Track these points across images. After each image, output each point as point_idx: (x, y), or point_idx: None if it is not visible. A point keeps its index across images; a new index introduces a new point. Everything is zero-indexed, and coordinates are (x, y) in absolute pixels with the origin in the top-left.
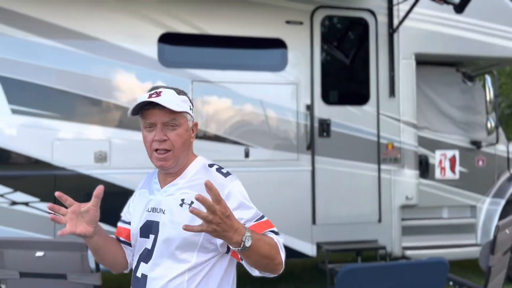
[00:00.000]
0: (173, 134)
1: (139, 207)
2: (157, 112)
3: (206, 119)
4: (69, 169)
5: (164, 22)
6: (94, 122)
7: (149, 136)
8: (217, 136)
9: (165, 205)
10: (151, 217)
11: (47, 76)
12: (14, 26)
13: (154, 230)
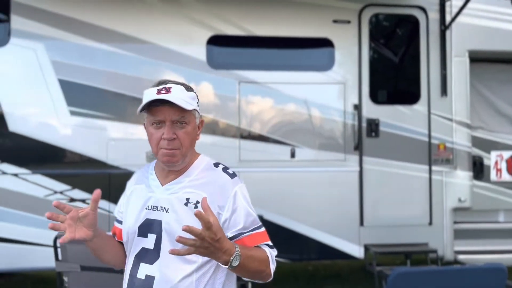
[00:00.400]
0: (182, 133)
1: (136, 204)
2: (167, 109)
3: (252, 119)
4: (122, 168)
5: (212, 25)
6: None
7: (156, 133)
8: (263, 136)
9: (168, 203)
10: (151, 215)
11: (103, 79)
12: (72, 32)
13: (155, 229)
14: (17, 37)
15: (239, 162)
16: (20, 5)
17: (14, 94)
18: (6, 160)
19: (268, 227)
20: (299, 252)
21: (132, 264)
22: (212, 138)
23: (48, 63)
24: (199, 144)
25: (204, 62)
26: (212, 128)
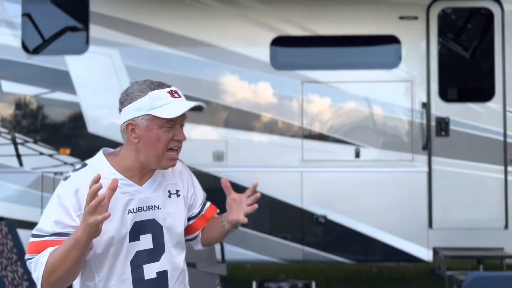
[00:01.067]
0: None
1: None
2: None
3: (316, 119)
4: (190, 167)
5: (276, 26)
6: (213, 124)
7: (166, 135)
8: (326, 136)
9: (156, 200)
10: (139, 217)
11: (173, 83)
12: (144, 38)
13: (148, 229)
14: (95, 45)
15: (302, 162)
16: (97, 14)
17: (92, 98)
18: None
19: (331, 228)
20: (363, 253)
21: (131, 270)
22: (274, 138)
23: (123, 68)
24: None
25: (268, 63)
26: (275, 128)
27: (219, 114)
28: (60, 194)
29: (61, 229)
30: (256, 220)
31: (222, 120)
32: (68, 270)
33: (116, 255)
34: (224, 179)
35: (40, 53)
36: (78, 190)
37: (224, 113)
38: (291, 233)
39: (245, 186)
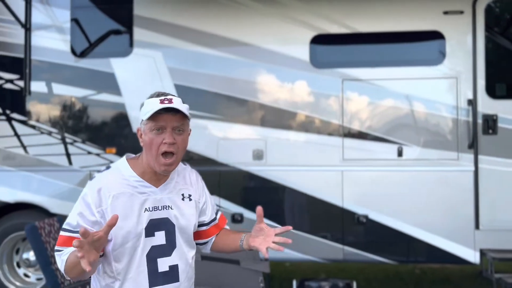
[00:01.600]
0: (180, 139)
1: (129, 209)
2: (169, 117)
3: (356, 117)
4: (231, 166)
5: (315, 25)
6: (253, 123)
7: (157, 138)
8: (367, 135)
9: (169, 201)
10: (154, 215)
11: (213, 83)
12: (185, 40)
13: (162, 227)
14: (139, 47)
15: (343, 161)
16: (141, 18)
17: (136, 99)
18: None
19: (373, 227)
20: (406, 253)
21: (147, 263)
22: (314, 136)
23: (165, 70)
24: (302, 142)
25: (307, 62)
26: (314, 127)
27: (259, 113)
28: (85, 192)
29: (83, 223)
30: (296, 219)
31: (262, 119)
32: (79, 274)
33: (134, 248)
34: (259, 208)
35: (87, 57)
36: (101, 189)
37: (263, 112)
38: (331, 232)
39: (284, 185)
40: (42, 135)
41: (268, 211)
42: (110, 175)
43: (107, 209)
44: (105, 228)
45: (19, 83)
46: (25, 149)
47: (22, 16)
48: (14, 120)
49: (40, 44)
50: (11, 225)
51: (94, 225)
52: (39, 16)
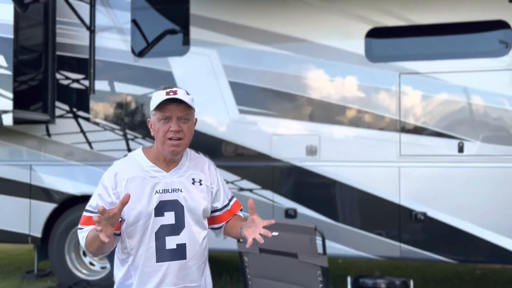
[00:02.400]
0: (185, 127)
1: (140, 191)
2: (174, 107)
3: (414, 112)
4: (284, 161)
5: (371, 18)
6: (306, 119)
7: (164, 127)
8: (426, 130)
9: (179, 185)
10: (164, 197)
11: (267, 79)
12: (240, 37)
13: (172, 207)
14: (195, 46)
15: (400, 156)
16: (197, 17)
17: (194, 96)
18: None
19: (432, 225)
20: (466, 253)
21: (155, 240)
22: (369, 132)
23: (220, 67)
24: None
25: (363, 56)
26: (369, 122)
27: (312, 108)
28: (104, 177)
29: (102, 204)
30: (351, 215)
31: (315, 114)
32: (98, 248)
33: (145, 227)
34: (251, 200)
35: (146, 56)
36: (117, 174)
37: (317, 108)
38: (387, 229)
39: (339, 181)
40: (105, 132)
41: (322, 207)
42: (125, 161)
43: (121, 191)
44: (119, 205)
45: (84, 82)
46: (90, 145)
47: (87, 19)
48: (80, 118)
49: (103, 45)
50: (77, 216)
51: (111, 205)
52: (102, 18)
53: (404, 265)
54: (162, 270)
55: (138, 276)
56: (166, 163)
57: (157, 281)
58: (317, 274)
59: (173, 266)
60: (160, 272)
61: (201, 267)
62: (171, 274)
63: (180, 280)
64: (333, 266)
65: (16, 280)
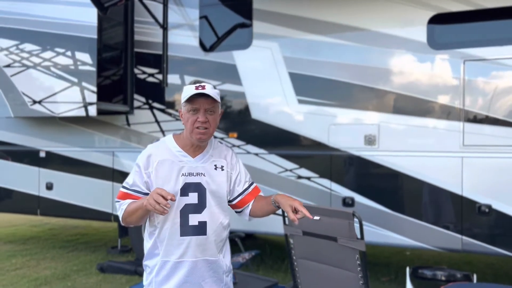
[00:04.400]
0: (211, 118)
1: (169, 173)
2: (202, 100)
3: (479, 100)
4: (342, 150)
5: (434, 4)
6: (365, 108)
7: (192, 117)
8: (492, 119)
9: (203, 170)
10: (189, 179)
11: (325, 69)
12: (299, 29)
13: (195, 189)
14: (258, 39)
15: (463, 147)
16: (260, 11)
17: (255, 88)
18: (250, 142)
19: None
20: None
21: (180, 217)
22: (430, 121)
23: (281, 59)
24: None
25: (425, 43)
26: (431, 111)
27: (371, 98)
28: (138, 159)
29: (137, 181)
30: (410, 205)
31: (374, 104)
32: (137, 218)
33: (171, 205)
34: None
35: (213, 50)
36: (150, 156)
37: (376, 97)
38: (449, 221)
39: (398, 171)
40: (177, 121)
41: (380, 197)
42: (158, 145)
43: (152, 172)
44: (172, 196)
45: (158, 76)
46: (163, 133)
47: (160, 17)
48: (155, 109)
49: (175, 41)
50: None
51: (145, 184)
52: (174, 16)
53: (476, 260)
54: (185, 243)
55: (164, 247)
56: (193, 150)
57: (180, 253)
58: (355, 258)
59: (195, 240)
60: (183, 245)
61: (219, 244)
62: (193, 248)
63: (200, 253)
64: (399, 258)
65: (102, 254)
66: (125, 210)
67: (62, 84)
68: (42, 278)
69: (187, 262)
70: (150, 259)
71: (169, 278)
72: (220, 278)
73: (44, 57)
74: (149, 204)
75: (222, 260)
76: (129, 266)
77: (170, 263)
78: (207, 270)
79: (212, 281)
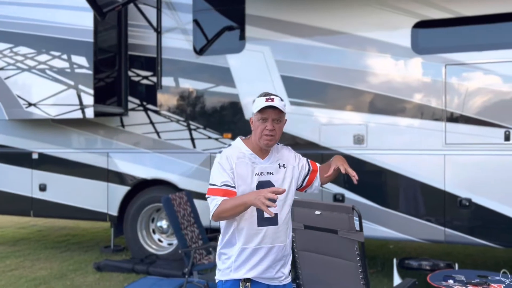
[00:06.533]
0: (277, 127)
1: (246, 172)
2: (271, 111)
3: (459, 101)
4: (332, 149)
5: (417, 11)
6: (353, 109)
7: (261, 125)
8: (471, 119)
9: (271, 169)
10: (261, 178)
11: (316, 73)
12: (290, 34)
13: (267, 186)
14: (250, 43)
15: (445, 145)
16: (252, 16)
17: (248, 90)
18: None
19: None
20: (510, 238)
21: (256, 210)
22: (415, 121)
23: (273, 63)
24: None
25: (409, 48)
26: (415, 112)
27: (360, 99)
28: (219, 161)
29: (226, 178)
30: (396, 200)
31: (362, 105)
32: (235, 214)
33: None
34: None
35: (206, 54)
36: (228, 157)
37: (364, 98)
38: (432, 214)
39: (385, 168)
40: (171, 123)
41: (369, 193)
42: (232, 149)
43: (234, 169)
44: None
45: (152, 79)
46: (158, 134)
47: (154, 21)
48: (149, 110)
49: (168, 44)
50: (148, 197)
51: (232, 180)
52: (168, 20)
53: (456, 251)
54: (262, 232)
55: (243, 236)
56: (261, 152)
57: (258, 241)
58: (355, 248)
59: (270, 229)
60: (261, 234)
61: (287, 230)
62: (268, 236)
63: (274, 240)
64: (384, 251)
65: (96, 253)
66: (220, 207)
67: (58, 86)
68: (40, 278)
69: (264, 249)
70: (228, 247)
71: (247, 262)
72: (286, 261)
73: (40, 60)
74: (260, 202)
75: (288, 245)
76: (127, 265)
77: (249, 250)
78: (278, 254)
79: (280, 263)
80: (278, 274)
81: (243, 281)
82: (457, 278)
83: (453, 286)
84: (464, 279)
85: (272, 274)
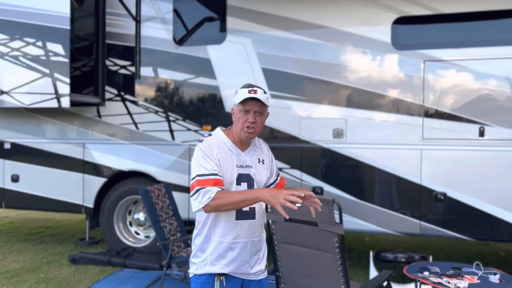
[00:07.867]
0: (259, 119)
1: (228, 164)
2: (253, 103)
3: (437, 97)
4: (312, 143)
5: (398, 7)
6: (333, 103)
7: (243, 117)
8: (447, 115)
9: (251, 163)
10: (241, 171)
11: (297, 66)
12: (272, 26)
13: (245, 179)
14: (231, 35)
15: (422, 140)
16: (233, 7)
17: (229, 82)
18: None
19: (451, 205)
20: (485, 232)
21: None
22: (393, 116)
23: (254, 55)
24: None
25: (389, 43)
26: (394, 107)
27: (340, 94)
28: (202, 149)
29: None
30: (374, 194)
31: (342, 99)
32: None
33: None
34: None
35: (186, 44)
36: (210, 145)
37: (344, 93)
38: (408, 207)
39: (364, 162)
40: (149, 114)
41: (347, 186)
42: (213, 138)
43: (216, 158)
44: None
45: (131, 68)
46: (136, 125)
47: (133, 10)
48: (127, 101)
49: (147, 34)
50: (125, 189)
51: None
52: (147, 9)
53: (429, 244)
54: (239, 226)
55: (220, 229)
56: (241, 145)
57: (235, 235)
58: (334, 241)
59: (246, 223)
60: (238, 228)
61: (262, 225)
62: (245, 230)
63: (250, 235)
64: (360, 244)
65: (70, 246)
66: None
67: (33, 74)
68: (12, 271)
69: (240, 243)
70: (203, 240)
71: (223, 256)
72: (261, 256)
73: (13, 47)
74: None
75: (263, 240)
76: (103, 257)
77: (225, 243)
78: (253, 248)
79: (255, 259)
80: (254, 270)
81: (218, 276)
82: (432, 270)
83: (428, 277)
84: (439, 271)
85: (248, 270)
